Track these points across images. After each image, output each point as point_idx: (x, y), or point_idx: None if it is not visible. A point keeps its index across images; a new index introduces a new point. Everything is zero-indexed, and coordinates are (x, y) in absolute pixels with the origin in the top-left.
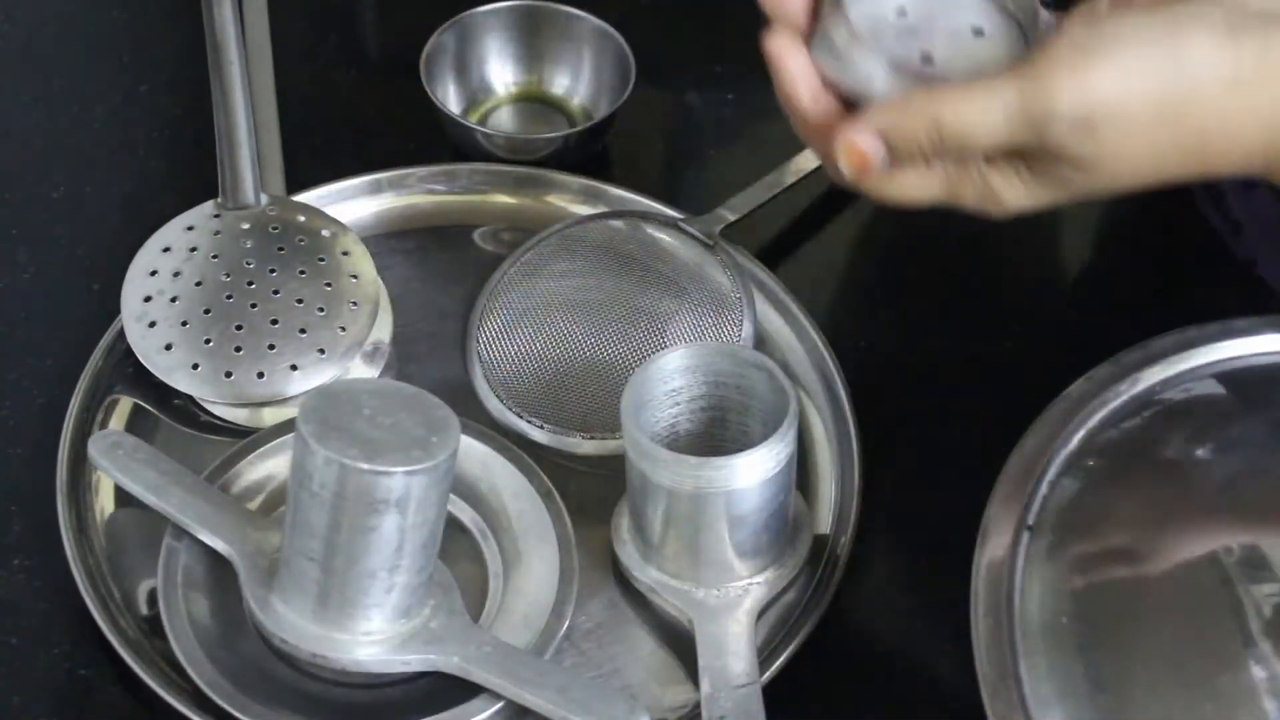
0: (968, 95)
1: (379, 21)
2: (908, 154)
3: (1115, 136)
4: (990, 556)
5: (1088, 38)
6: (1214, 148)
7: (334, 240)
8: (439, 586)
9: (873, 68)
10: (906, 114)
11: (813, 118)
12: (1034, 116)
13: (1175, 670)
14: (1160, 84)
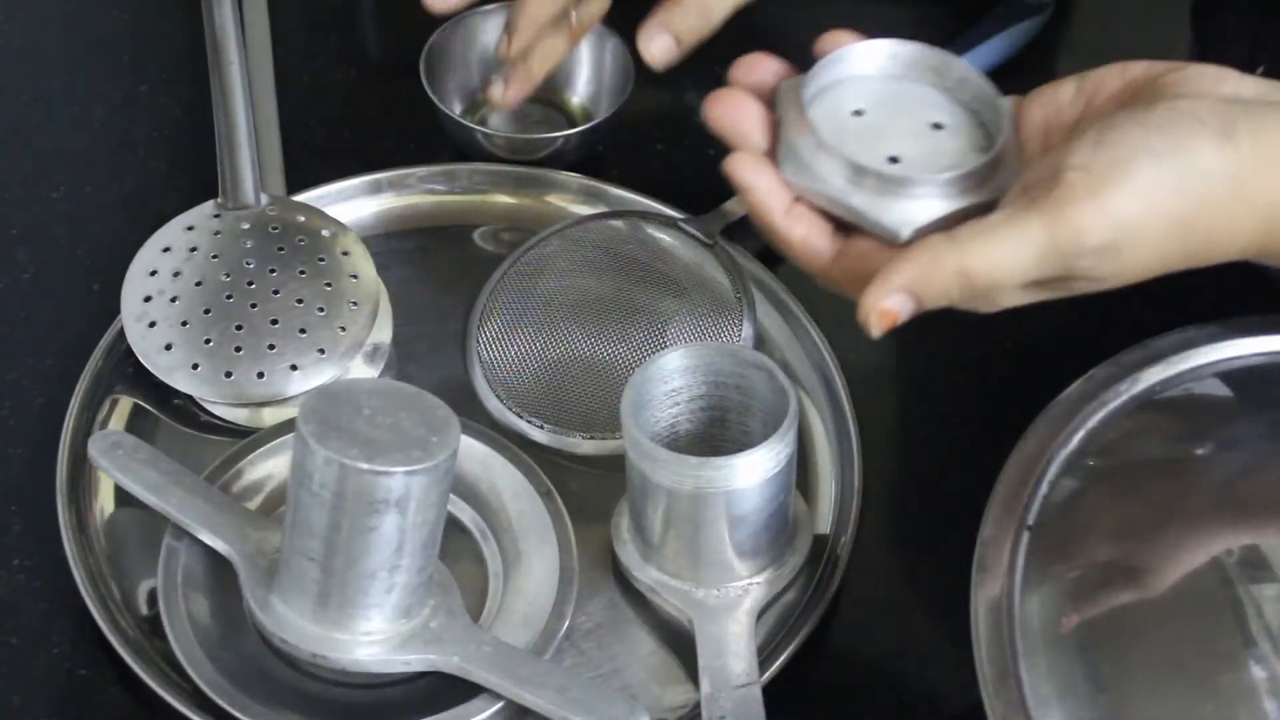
0: (995, 240)
1: (379, 21)
2: (935, 304)
3: (1133, 255)
4: (990, 557)
5: (1097, 162)
6: (1216, 245)
7: (334, 240)
8: (439, 586)
9: (842, 175)
10: (934, 270)
11: (793, 237)
12: (1065, 254)
13: (1175, 670)
14: (1174, 200)
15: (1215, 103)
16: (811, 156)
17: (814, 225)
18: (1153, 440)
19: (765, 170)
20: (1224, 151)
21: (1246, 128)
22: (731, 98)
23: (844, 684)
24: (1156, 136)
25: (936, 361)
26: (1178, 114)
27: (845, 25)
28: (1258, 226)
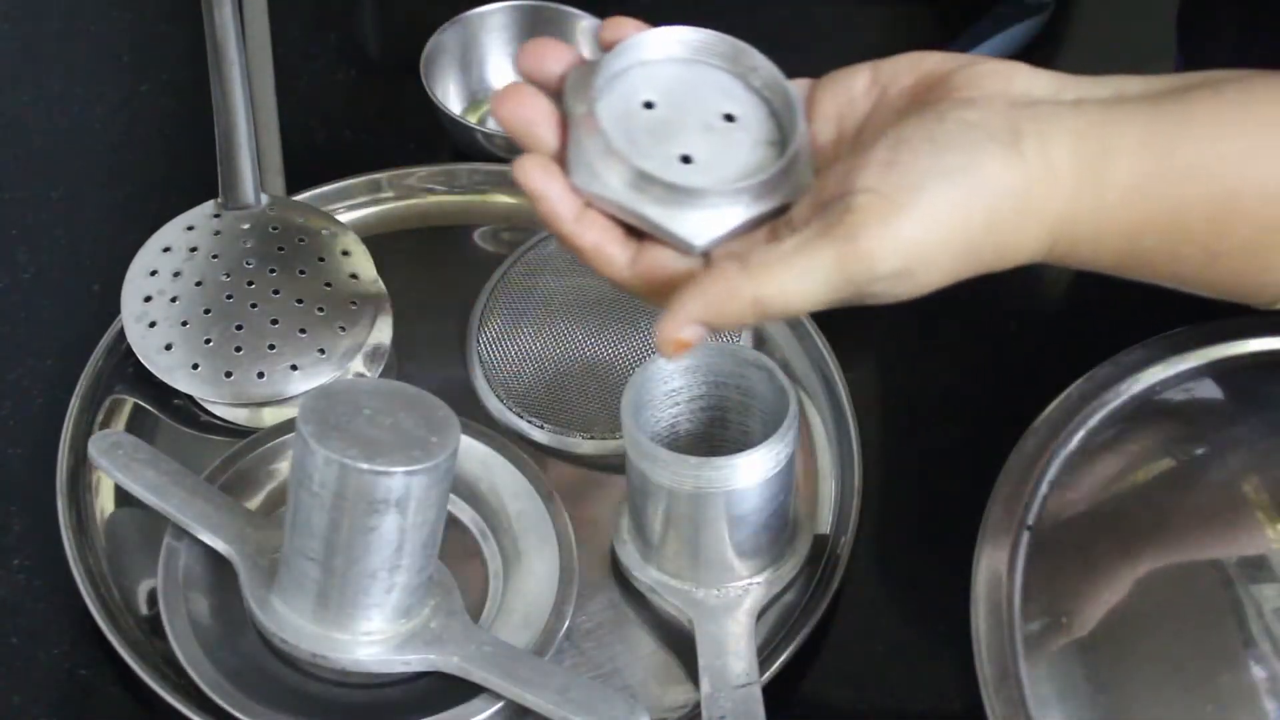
0: (787, 270)
1: (379, 21)
2: (729, 329)
3: (926, 274)
4: (990, 556)
5: (887, 185)
6: (1004, 256)
7: (334, 240)
8: (439, 586)
9: (630, 183)
10: (728, 301)
11: (586, 246)
12: (857, 281)
13: (1175, 670)
14: (965, 221)
15: (1004, 109)
16: (600, 162)
17: (606, 231)
18: (1153, 440)
19: (554, 176)
20: (1012, 165)
21: (1032, 136)
22: (520, 94)
23: (844, 684)
24: (948, 156)
25: (936, 362)
26: (967, 127)
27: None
28: (1044, 237)
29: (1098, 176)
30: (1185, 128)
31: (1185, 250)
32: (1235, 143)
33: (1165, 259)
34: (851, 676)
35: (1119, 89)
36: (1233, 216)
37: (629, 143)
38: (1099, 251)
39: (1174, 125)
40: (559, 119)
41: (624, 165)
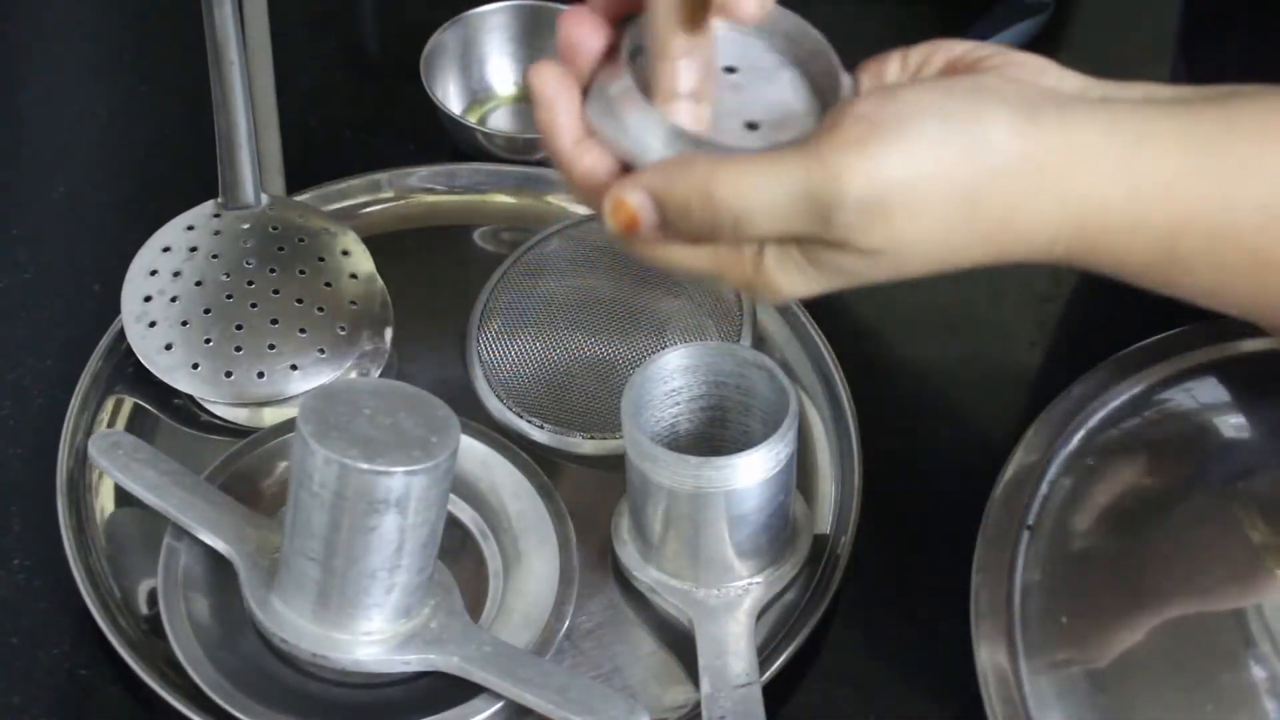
0: (747, 171)
1: (379, 21)
2: (678, 223)
3: (907, 223)
4: (990, 556)
5: (880, 113)
6: (1013, 234)
7: (334, 240)
8: (439, 586)
9: (649, 128)
10: (680, 180)
11: (577, 167)
12: (819, 201)
13: (1175, 670)
14: (958, 165)
15: (1028, 87)
16: (621, 103)
17: (602, 160)
18: (1153, 440)
19: (569, 90)
20: (1024, 131)
21: (1053, 115)
22: (583, 18)
23: (844, 684)
24: (953, 101)
25: (937, 361)
26: (982, 88)
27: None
28: (1066, 220)
29: (1133, 162)
30: (1229, 127)
31: (1232, 258)
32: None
33: (1209, 265)
34: (851, 676)
35: (1148, 93)
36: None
37: None
38: (1133, 248)
39: (1219, 125)
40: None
41: (646, 111)
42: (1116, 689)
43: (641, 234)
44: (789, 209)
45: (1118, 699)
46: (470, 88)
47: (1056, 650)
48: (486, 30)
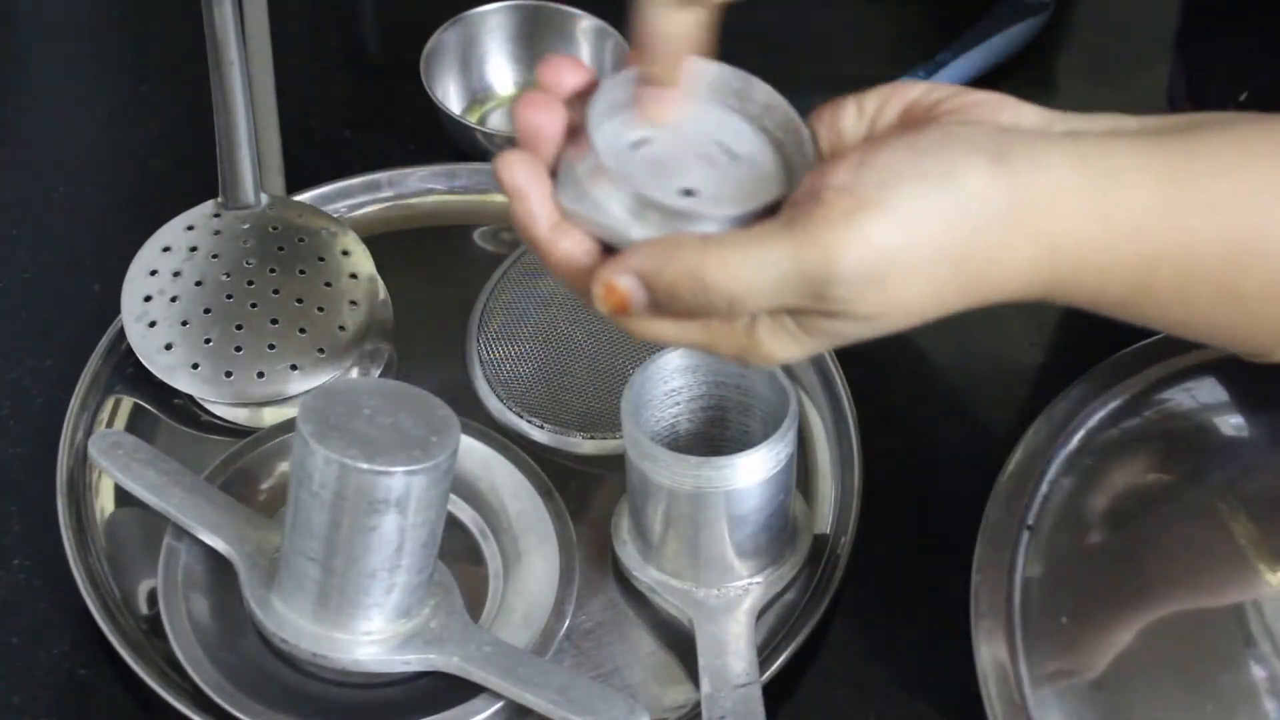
0: (737, 252)
1: (379, 21)
2: (669, 304)
3: (900, 288)
4: (990, 556)
5: (861, 183)
6: (994, 278)
7: (334, 240)
8: (439, 586)
9: (621, 205)
10: (669, 263)
11: (555, 253)
12: (814, 279)
13: (1175, 670)
14: (943, 225)
15: (992, 129)
16: (591, 183)
17: (581, 243)
18: (1153, 440)
19: (540, 180)
20: (998, 178)
21: (1026, 155)
22: (540, 101)
23: (844, 684)
24: (926, 159)
25: (937, 362)
26: (950, 137)
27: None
28: (1042, 260)
29: (1104, 199)
30: (1196, 161)
31: (1200, 289)
32: (1254, 179)
33: (1178, 298)
34: (851, 676)
35: (1114, 125)
36: (1250, 256)
37: (623, 168)
38: (1106, 284)
39: (1184, 157)
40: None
41: (616, 186)
42: (1116, 689)
43: (633, 314)
44: (783, 288)
45: (1118, 699)
46: (470, 88)
47: (1056, 650)
48: (486, 30)
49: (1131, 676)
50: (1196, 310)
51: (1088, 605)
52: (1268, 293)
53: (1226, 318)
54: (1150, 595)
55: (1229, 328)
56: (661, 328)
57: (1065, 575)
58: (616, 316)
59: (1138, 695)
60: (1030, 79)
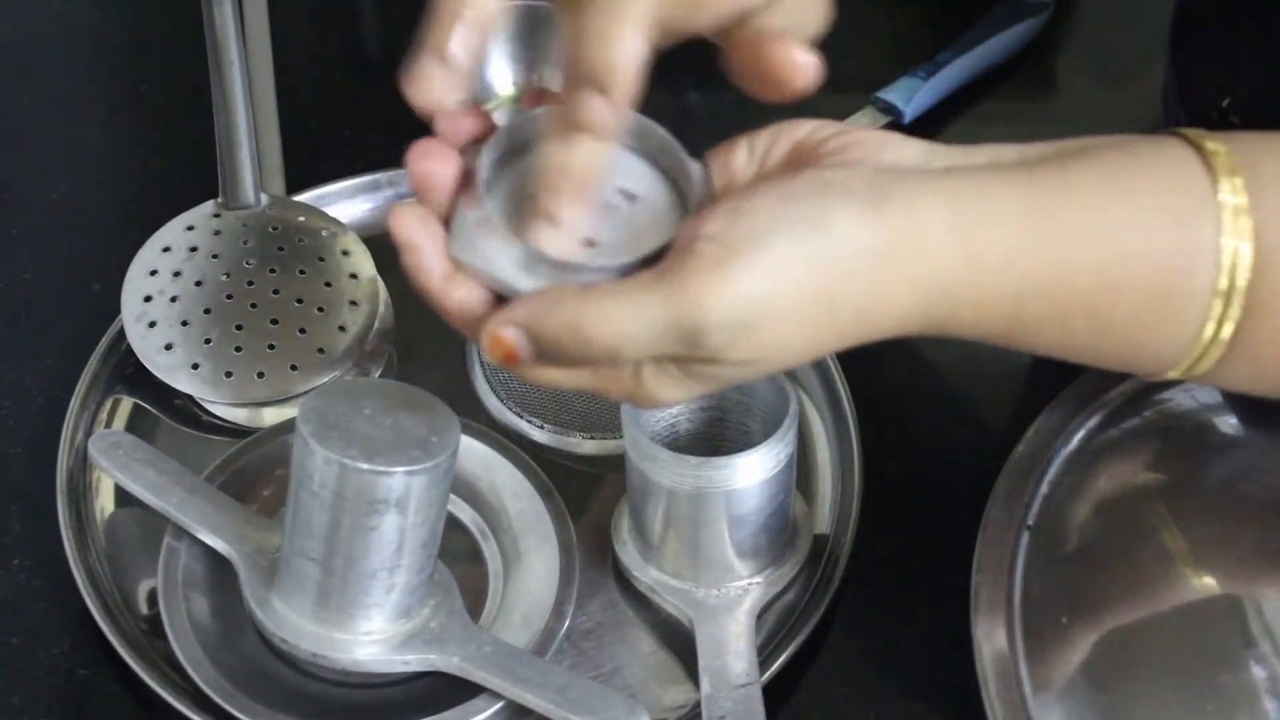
0: (613, 304)
1: (379, 21)
2: (552, 355)
3: (771, 334)
4: (990, 556)
5: (731, 232)
6: (870, 320)
7: (334, 240)
8: (439, 586)
9: (510, 255)
10: (548, 316)
11: (448, 304)
12: (684, 329)
13: (1175, 670)
14: (811, 273)
15: (869, 172)
16: (480, 234)
17: (473, 292)
18: (1153, 440)
19: (432, 233)
20: (868, 222)
21: (899, 198)
22: (432, 149)
23: (844, 684)
24: (794, 207)
25: (937, 362)
26: (822, 184)
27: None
28: (916, 301)
29: (973, 239)
30: (1065, 193)
31: (1074, 320)
32: (1119, 209)
33: (1053, 327)
34: (851, 676)
35: (993, 157)
36: (1120, 284)
37: (518, 219)
38: (981, 318)
39: (1052, 190)
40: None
41: (505, 239)
42: (1116, 689)
43: (519, 361)
44: (657, 337)
45: (1118, 699)
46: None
47: (1056, 650)
48: None
49: (1131, 676)
50: (1073, 338)
51: (1088, 605)
52: (1140, 319)
53: (1104, 344)
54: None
55: (1108, 354)
56: (551, 374)
57: (1065, 575)
58: (506, 364)
59: (1138, 695)
60: (1030, 79)
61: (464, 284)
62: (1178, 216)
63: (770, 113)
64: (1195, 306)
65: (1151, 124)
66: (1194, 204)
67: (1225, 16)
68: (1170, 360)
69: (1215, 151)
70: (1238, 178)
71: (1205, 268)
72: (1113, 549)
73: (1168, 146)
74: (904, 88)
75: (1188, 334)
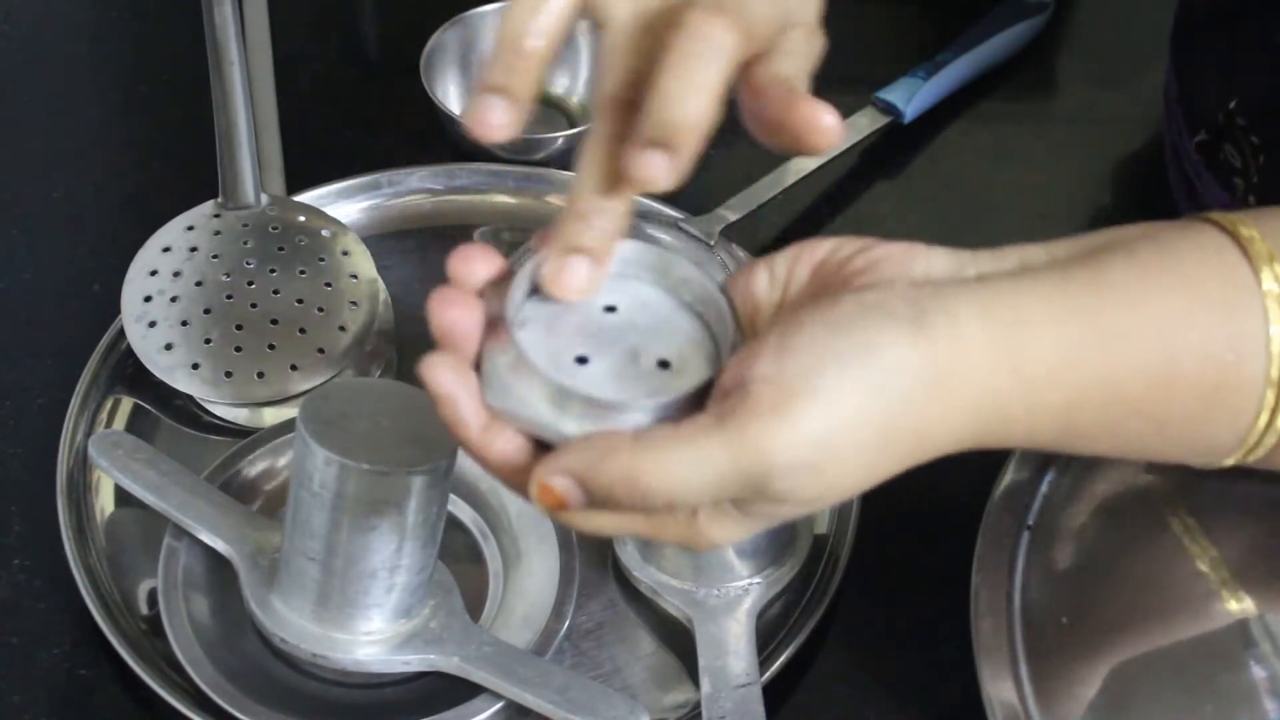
0: (671, 454)
1: (379, 21)
2: (606, 504)
3: (836, 471)
4: (990, 556)
5: (783, 372)
6: (925, 446)
7: (334, 240)
8: (439, 586)
9: (545, 399)
10: (603, 464)
11: (490, 455)
12: (752, 476)
13: (1175, 670)
14: (870, 406)
15: (905, 289)
16: (513, 377)
17: (513, 440)
18: None
19: (467, 382)
20: (918, 344)
21: (939, 313)
22: (452, 296)
23: (844, 684)
24: (844, 338)
25: None
26: (864, 307)
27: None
28: (969, 420)
29: (1015, 349)
30: (1100, 294)
31: (1129, 423)
32: (1162, 305)
33: (1108, 433)
34: (851, 676)
35: (1022, 260)
36: (1170, 382)
37: (548, 358)
38: (1035, 429)
39: (1088, 292)
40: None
41: (538, 380)
42: (1116, 689)
43: (570, 510)
44: (720, 486)
45: (1118, 699)
46: (470, 88)
47: (1056, 650)
48: (486, 30)
49: (1131, 677)
50: (1128, 441)
51: (1088, 605)
52: (1193, 415)
53: (1159, 442)
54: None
55: (1164, 450)
56: (602, 520)
57: (1065, 575)
58: (554, 513)
59: (1138, 695)
60: (1030, 79)
61: (503, 433)
62: (1223, 310)
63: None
64: (1247, 397)
65: (1151, 124)
66: (1238, 295)
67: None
68: (1226, 450)
69: (1251, 239)
70: (1277, 265)
71: (1254, 358)
72: (1113, 549)
73: (1202, 236)
74: (904, 88)
75: (1242, 424)
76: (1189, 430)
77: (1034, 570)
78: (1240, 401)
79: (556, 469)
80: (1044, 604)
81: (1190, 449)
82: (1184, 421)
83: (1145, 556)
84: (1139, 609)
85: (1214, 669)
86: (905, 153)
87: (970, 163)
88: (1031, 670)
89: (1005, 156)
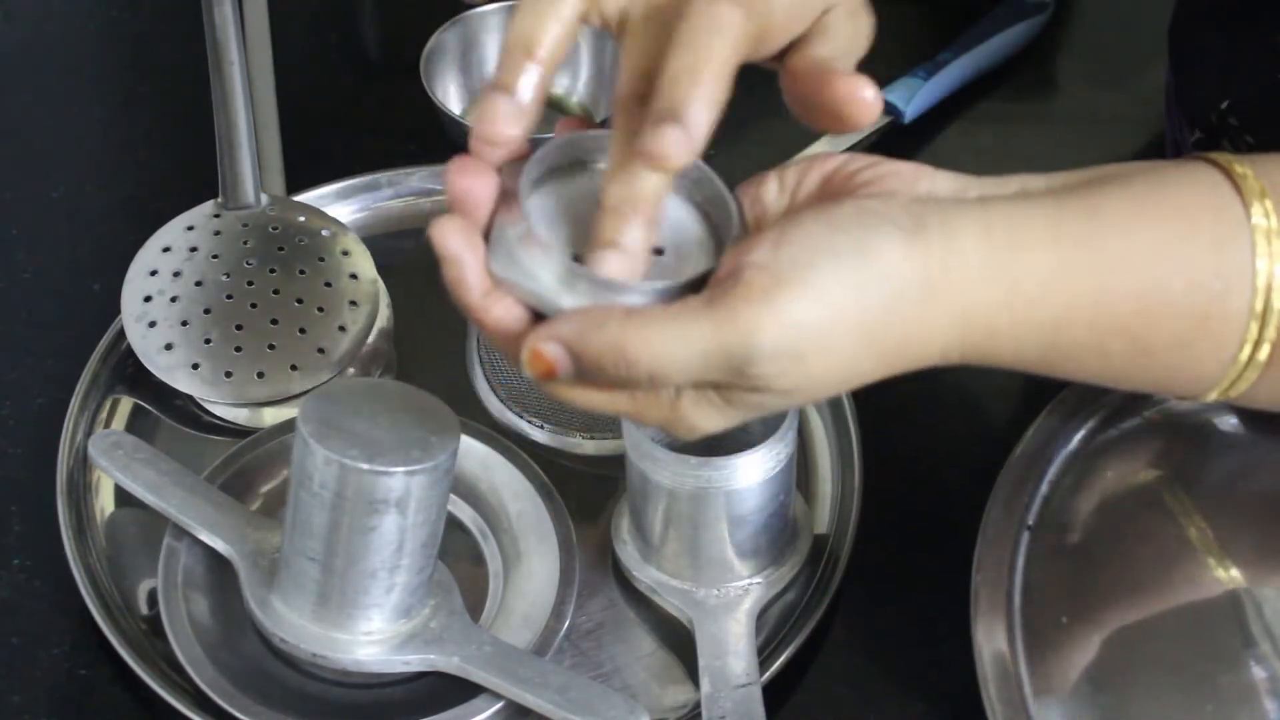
0: (659, 329)
1: (379, 21)
2: (593, 375)
3: (820, 362)
4: (990, 556)
5: (778, 260)
6: (911, 350)
7: (334, 240)
8: (439, 586)
9: (550, 273)
10: (592, 334)
11: (487, 319)
12: (735, 357)
13: (1175, 670)
14: (859, 302)
15: (908, 202)
16: (522, 250)
17: (511, 310)
18: (1153, 439)
19: (474, 246)
20: (913, 251)
21: (937, 226)
22: (469, 165)
23: (844, 684)
24: (841, 236)
25: None
26: (865, 212)
27: None
28: (956, 330)
29: (1009, 266)
30: (1096, 220)
31: (1114, 344)
32: (1153, 234)
33: (1094, 354)
34: (851, 676)
35: (1023, 186)
36: (1157, 308)
37: (554, 235)
38: (1021, 346)
39: (1083, 218)
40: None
41: (547, 255)
42: (1116, 689)
43: (558, 378)
44: (704, 364)
45: (1118, 699)
46: (470, 88)
47: (1056, 650)
48: (486, 30)
49: (1131, 677)
50: (1112, 364)
51: (1088, 605)
52: (1179, 343)
53: (1143, 369)
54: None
55: (1147, 378)
56: (588, 396)
57: (1065, 575)
58: (543, 382)
59: (1138, 695)
60: (1030, 79)
61: (502, 300)
62: (1213, 240)
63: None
64: (1233, 328)
65: (1151, 124)
66: (1228, 228)
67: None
68: (1209, 382)
69: (1244, 175)
70: (1268, 200)
71: (1241, 290)
72: (1113, 549)
73: (1197, 171)
74: (904, 88)
75: (1226, 356)
76: (1174, 357)
77: (1034, 570)
78: (1226, 332)
79: (549, 335)
80: (1044, 604)
81: (1173, 378)
82: (1169, 348)
83: (1145, 557)
84: (1139, 609)
85: (1214, 669)
86: (905, 153)
87: (970, 163)
88: (1031, 670)
89: (1005, 156)
